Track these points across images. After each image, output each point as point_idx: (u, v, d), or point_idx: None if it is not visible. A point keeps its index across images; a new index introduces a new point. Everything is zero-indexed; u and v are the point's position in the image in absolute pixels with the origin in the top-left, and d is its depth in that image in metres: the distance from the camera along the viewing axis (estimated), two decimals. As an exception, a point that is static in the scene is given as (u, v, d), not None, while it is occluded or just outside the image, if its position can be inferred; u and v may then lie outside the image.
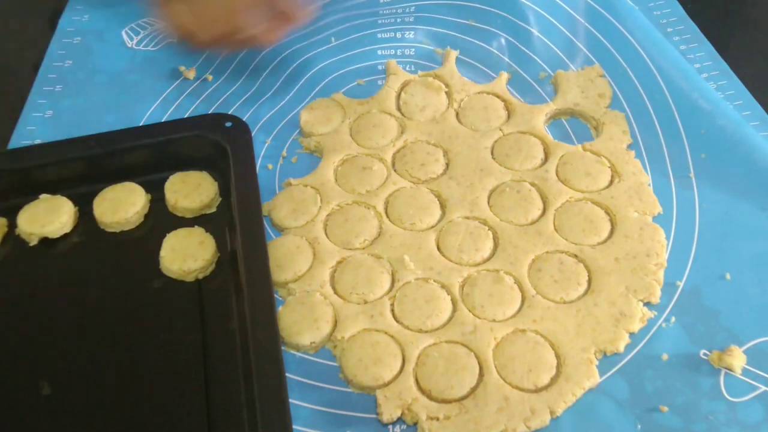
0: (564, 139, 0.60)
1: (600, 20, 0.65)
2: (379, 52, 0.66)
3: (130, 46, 0.69)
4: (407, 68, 0.65)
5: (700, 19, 0.68)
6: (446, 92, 0.62)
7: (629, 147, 0.58)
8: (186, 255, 0.50)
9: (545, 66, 0.64)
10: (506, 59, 0.65)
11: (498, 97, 0.62)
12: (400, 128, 0.60)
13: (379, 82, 0.64)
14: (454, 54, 0.65)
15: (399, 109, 0.62)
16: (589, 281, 0.50)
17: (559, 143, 0.58)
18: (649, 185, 0.55)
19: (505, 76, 0.64)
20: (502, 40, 0.66)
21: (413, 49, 0.67)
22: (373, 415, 0.45)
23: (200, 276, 0.51)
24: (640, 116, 0.60)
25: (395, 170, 0.57)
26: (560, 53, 0.65)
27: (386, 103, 0.62)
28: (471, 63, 0.65)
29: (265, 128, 0.61)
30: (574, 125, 0.61)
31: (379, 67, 0.65)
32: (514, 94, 0.63)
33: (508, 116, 0.61)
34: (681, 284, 0.50)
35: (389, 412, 0.44)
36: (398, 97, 0.62)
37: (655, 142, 0.58)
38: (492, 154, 0.58)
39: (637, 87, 0.61)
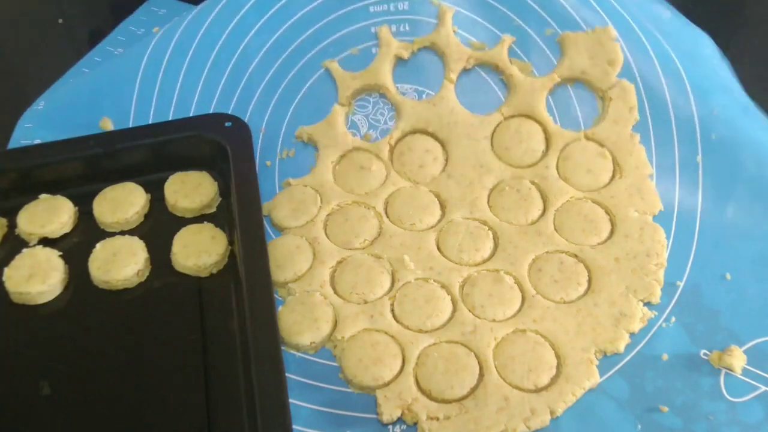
0: (566, 109, 0.58)
1: None
2: (371, 9, 0.62)
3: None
4: (401, 28, 0.61)
5: (700, 19, 0.67)
6: (443, 61, 0.60)
7: (636, 125, 0.56)
8: (200, 251, 0.51)
9: (552, 22, 0.60)
10: (509, 13, 0.61)
11: (498, 68, 0.60)
12: (396, 113, 0.59)
13: (373, 50, 0.61)
14: (450, 13, 0.61)
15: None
16: (589, 281, 0.50)
17: (561, 130, 0.57)
18: (652, 177, 0.54)
19: (507, 41, 0.60)
20: None
21: (407, 3, 0.62)
22: (373, 415, 0.45)
23: (214, 270, 0.51)
24: (650, 88, 0.57)
25: (394, 170, 0.57)
26: (570, 10, 0.61)
27: (379, 78, 0.59)
28: (471, 16, 0.61)
29: (259, 113, 0.59)
30: (578, 94, 0.59)
31: (372, 30, 0.61)
32: (518, 55, 0.60)
33: (509, 92, 0.59)
34: (681, 284, 0.50)
35: (389, 412, 0.45)
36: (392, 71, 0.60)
37: (665, 119, 0.56)
38: (492, 144, 0.57)
39: (651, 56, 0.58)
